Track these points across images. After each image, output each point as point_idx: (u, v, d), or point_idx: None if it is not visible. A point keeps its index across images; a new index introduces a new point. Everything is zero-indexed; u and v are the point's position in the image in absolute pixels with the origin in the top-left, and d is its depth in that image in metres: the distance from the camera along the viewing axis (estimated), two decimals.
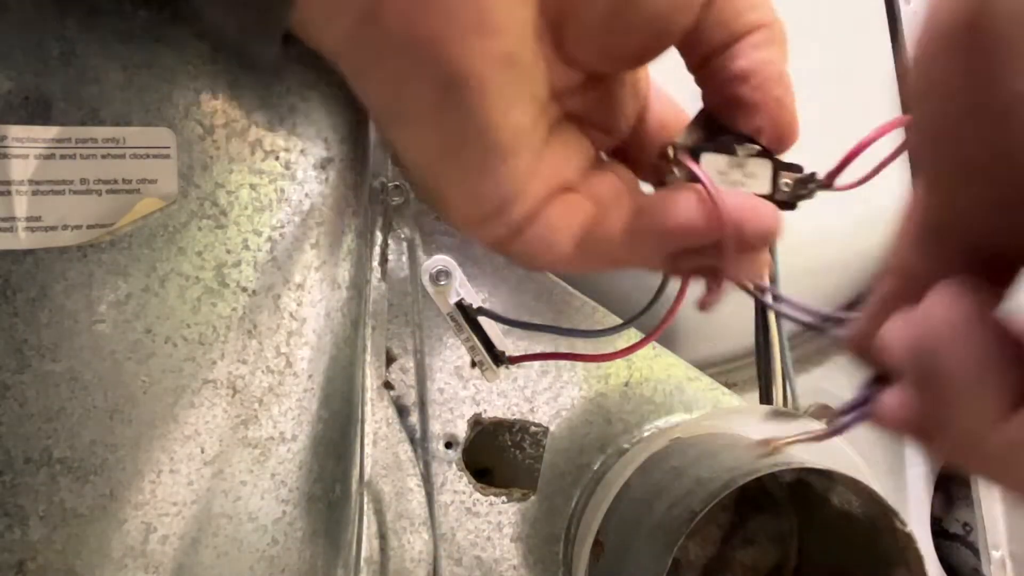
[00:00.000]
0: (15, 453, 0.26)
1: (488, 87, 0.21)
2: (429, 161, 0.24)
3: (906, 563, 0.43)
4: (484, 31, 0.20)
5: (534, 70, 0.22)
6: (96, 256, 0.27)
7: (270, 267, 0.30)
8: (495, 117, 0.22)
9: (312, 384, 0.32)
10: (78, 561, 0.27)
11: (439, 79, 0.21)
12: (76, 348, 0.27)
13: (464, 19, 0.20)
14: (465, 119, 0.22)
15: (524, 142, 0.23)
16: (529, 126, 0.23)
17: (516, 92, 0.22)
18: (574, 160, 0.25)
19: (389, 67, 0.22)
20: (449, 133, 0.22)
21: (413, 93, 0.22)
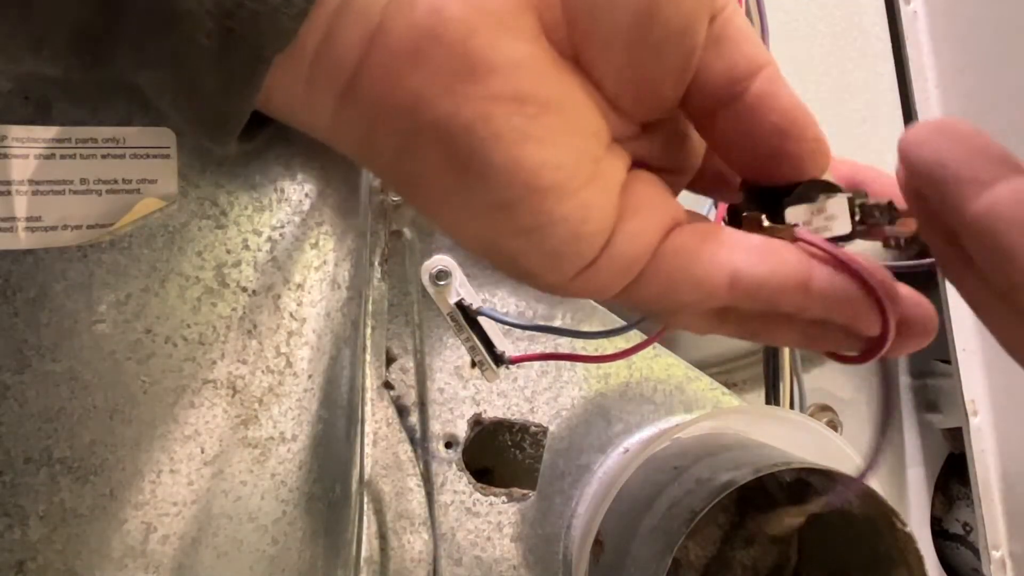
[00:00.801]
0: (15, 453, 0.26)
1: (502, 132, 0.19)
2: (477, 233, 0.21)
3: (906, 563, 0.43)
4: (474, 76, 0.19)
5: (569, 106, 0.20)
6: (96, 256, 0.27)
7: (270, 267, 0.30)
8: (524, 156, 0.19)
9: (312, 384, 0.32)
10: (78, 561, 0.27)
11: (441, 136, 0.19)
12: (76, 348, 0.27)
13: (446, 69, 0.19)
14: (488, 170, 0.19)
15: (589, 174, 0.20)
16: (582, 162, 0.20)
17: (546, 128, 0.19)
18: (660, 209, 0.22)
19: (385, 139, 0.20)
20: (483, 189, 0.20)
21: (419, 160, 0.20)
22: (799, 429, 0.49)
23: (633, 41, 0.20)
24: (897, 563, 0.44)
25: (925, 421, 0.61)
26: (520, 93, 0.19)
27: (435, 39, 0.19)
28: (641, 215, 0.21)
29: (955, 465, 0.61)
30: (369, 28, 0.19)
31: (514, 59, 0.19)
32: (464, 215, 0.21)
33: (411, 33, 0.19)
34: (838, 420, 0.59)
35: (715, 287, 0.22)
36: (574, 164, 0.20)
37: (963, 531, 0.60)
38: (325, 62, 0.19)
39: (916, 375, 0.62)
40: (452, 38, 0.19)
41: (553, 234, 0.20)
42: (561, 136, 0.20)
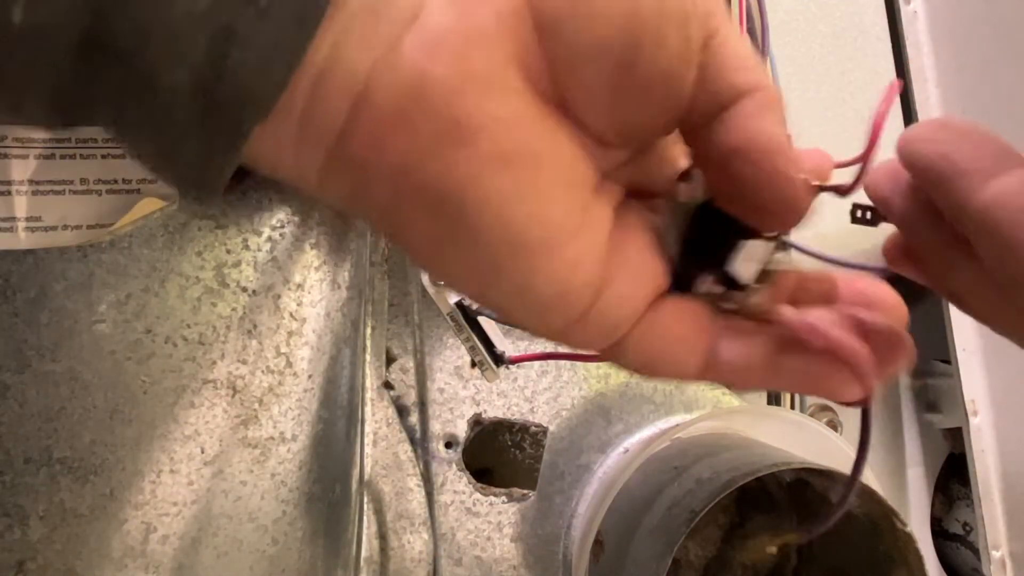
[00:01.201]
0: (15, 453, 0.26)
1: (489, 192, 0.19)
2: (467, 287, 0.21)
3: (906, 563, 0.43)
4: (459, 138, 0.19)
5: (555, 155, 0.20)
6: (96, 256, 0.27)
7: (270, 267, 0.30)
8: (512, 216, 0.19)
9: (312, 384, 0.32)
10: (78, 561, 0.27)
11: (429, 197, 0.19)
12: (76, 348, 0.27)
13: (432, 132, 0.19)
14: (477, 231, 0.19)
15: (576, 226, 0.20)
16: (571, 214, 0.20)
17: (532, 184, 0.19)
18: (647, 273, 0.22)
19: (373, 198, 0.20)
20: (470, 248, 0.20)
21: (408, 218, 0.20)
22: (799, 429, 0.49)
23: (617, 87, 0.20)
24: (897, 563, 0.44)
25: (925, 421, 0.61)
26: (506, 152, 0.19)
27: (419, 103, 0.19)
28: (628, 279, 0.22)
29: (955, 465, 0.61)
30: (354, 93, 0.19)
31: (499, 118, 0.19)
32: (453, 269, 0.21)
33: (396, 98, 0.19)
34: (838, 420, 0.59)
35: (691, 370, 0.22)
36: (562, 218, 0.20)
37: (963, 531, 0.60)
38: (311, 125, 0.19)
39: (916, 375, 0.62)
40: (436, 101, 0.19)
41: (541, 291, 0.20)
42: (548, 190, 0.20)
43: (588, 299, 0.21)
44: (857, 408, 0.23)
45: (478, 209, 0.19)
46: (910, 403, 0.62)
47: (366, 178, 0.20)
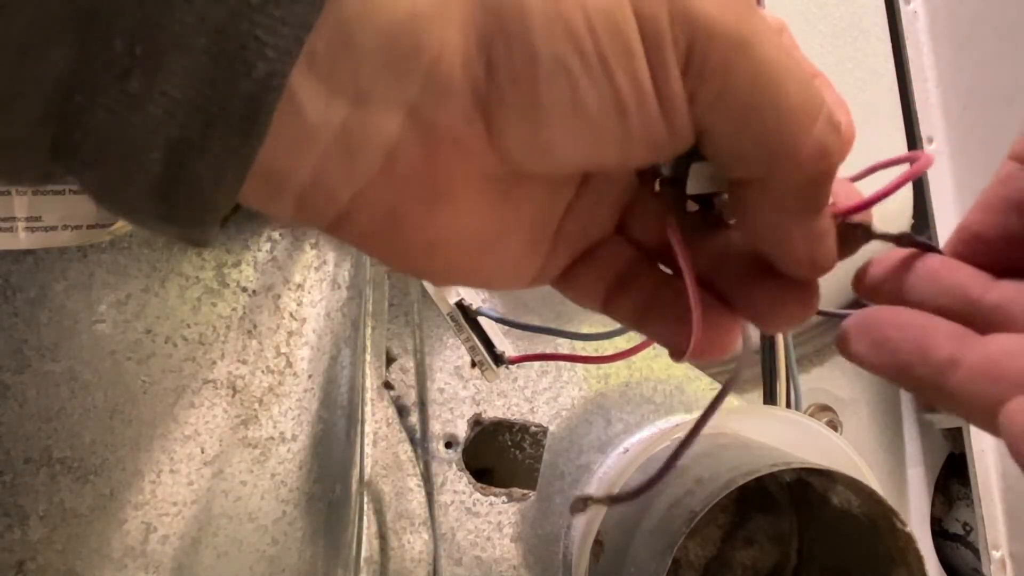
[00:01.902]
0: (15, 453, 0.26)
1: (457, 269, 0.23)
2: None
3: (906, 563, 0.43)
4: (432, 252, 0.22)
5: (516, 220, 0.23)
6: (96, 256, 0.27)
7: (270, 267, 0.30)
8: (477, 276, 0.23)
9: (312, 384, 0.32)
10: (78, 561, 0.27)
11: (414, 271, 0.23)
12: (76, 348, 0.27)
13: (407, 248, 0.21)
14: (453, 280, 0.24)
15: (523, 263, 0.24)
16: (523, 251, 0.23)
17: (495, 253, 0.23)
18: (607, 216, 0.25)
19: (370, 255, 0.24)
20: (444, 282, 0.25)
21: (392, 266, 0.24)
22: (799, 429, 0.49)
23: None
24: (897, 563, 0.44)
25: (925, 421, 0.61)
26: (471, 249, 0.22)
27: (396, 232, 0.21)
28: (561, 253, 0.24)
29: (955, 465, 0.61)
30: (338, 210, 0.21)
31: (466, 230, 0.22)
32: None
33: (375, 225, 0.21)
34: (838, 420, 0.59)
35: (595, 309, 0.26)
36: (512, 261, 0.23)
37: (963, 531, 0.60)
38: (304, 214, 0.21)
39: None
40: (411, 231, 0.21)
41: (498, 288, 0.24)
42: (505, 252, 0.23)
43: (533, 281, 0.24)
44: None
45: (450, 275, 0.23)
46: (910, 403, 0.62)
47: (356, 248, 0.24)
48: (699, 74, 0.19)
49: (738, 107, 0.19)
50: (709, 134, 0.19)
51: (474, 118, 0.20)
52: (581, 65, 0.18)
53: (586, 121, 0.19)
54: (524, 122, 0.19)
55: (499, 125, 0.20)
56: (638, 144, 0.20)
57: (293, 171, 0.19)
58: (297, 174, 0.19)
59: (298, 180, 0.19)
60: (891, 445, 0.61)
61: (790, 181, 0.20)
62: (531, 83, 0.19)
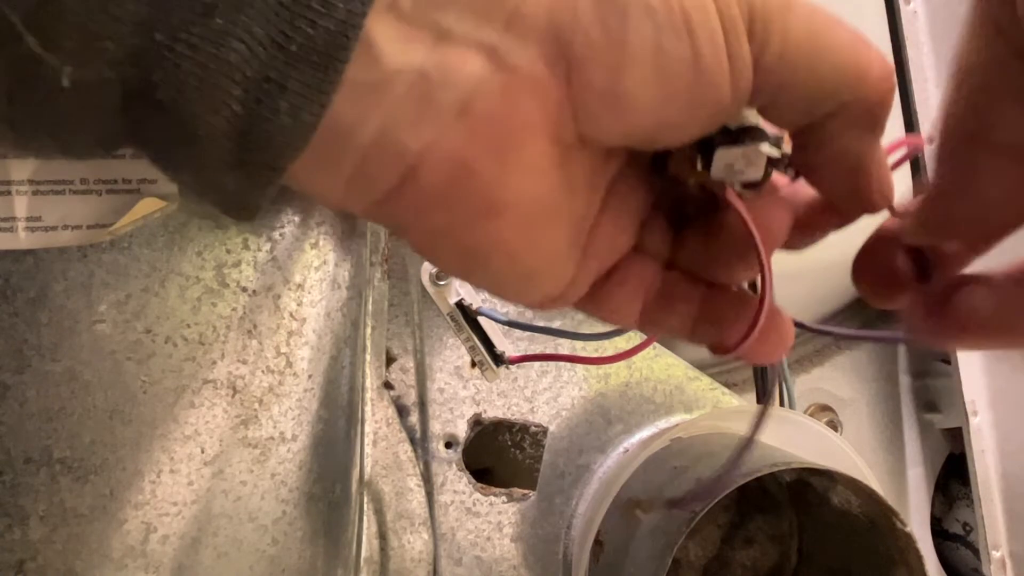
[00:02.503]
0: (15, 453, 0.26)
1: (510, 247, 0.22)
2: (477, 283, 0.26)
3: (906, 563, 0.43)
4: (494, 214, 0.21)
5: (572, 206, 0.22)
6: (96, 256, 0.27)
7: (270, 267, 0.30)
8: (527, 262, 0.22)
9: (312, 384, 0.32)
10: (78, 561, 0.27)
11: (459, 251, 0.22)
12: (76, 348, 0.27)
13: (471, 209, 0.21)
14: (493, 271, 0.23)
15: (569, 256, 0.23)
16: (572, 243, 0.23)
17: (549, 238, 0.22)
18: (629, 228, 0.25)
19: (411, 238, 0.23)
20: (484, 279, 0.23)
21: (439, 257, 0.23)
22: (799, 429, 0.49)
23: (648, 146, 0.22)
24: (897, 563, 0.44)
25: (925, 421, 0.61)
26: (531, 217, 0.21)
27: (464, 188, 0.20)
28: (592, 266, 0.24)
29: (955, 465, 0.61)
30: (401, 169, 0.20)
31: (532, 195, 0.21)
32: (467, 279, 0.24)
33: (440, 180, 0.20)
34: (838, 420, 0.59)
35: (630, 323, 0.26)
36: (560, 254, 0.23)
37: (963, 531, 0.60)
38: (361, 182, 0.21)
39: (916, 375, 0.62)
40: (479, 188, 0.20)
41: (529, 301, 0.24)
42: (556, 236, 0.22)
43: (561, 295, 0.24)
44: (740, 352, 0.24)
45: (497, 261, 0.22)
46: (910, 403, 0.62)
47: (405, 227, 0.22)
48: (763, 39, 0.20)
49: (803, 58, 0.21)
50: (784, 87, 0.21)
51: (556, 62, 0.20)
52: (666, 15, 0.19)
53: (664, 72, 0.20)
54: (607, 66, 0.20)
55: (582, 69, 0.20)
56: (703, 103, 0.21)
57: (361, 124, 0.19)
58: (365, 128, 0.19)
59: (364, 136, 0.19)
60: (891, 445, 0.61)
61: (864, 103, 0.21)
62: (620, 27, 0.19)
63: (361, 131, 0.19)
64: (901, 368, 0.62)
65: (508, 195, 0.21)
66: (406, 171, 0.20)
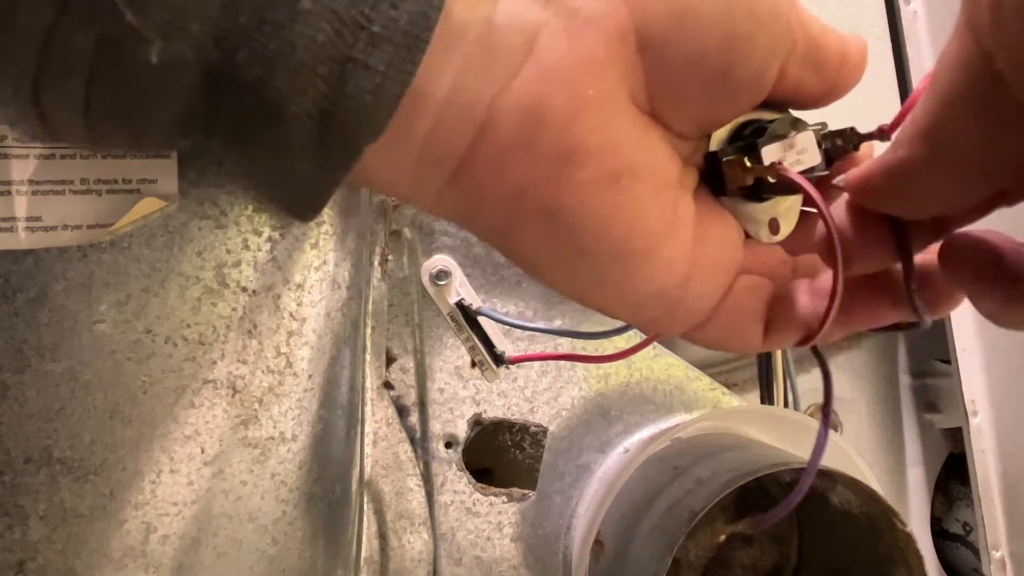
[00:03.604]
0: (15, 453, 0.26)
1: (598, 208, 0.21)
2: (570, 289, 0.24)
3: (906, 563, 0.43)
4: (574, 162, 0.20)
5: (654, 164, 0.22)
6: (96, 256, 0.27)
7: (270, 267, 0.30)
8: (618, 228, 0.21)
9: (312, 384, 0.32)
10: (78, 561, 0.27)
11: (543, 216, 0.21)
12: (76, 348, 0.27)
13: (550, 157, 0.20)
14: (584, 242, 0.21)
15: (670, 230, 0.22)
16: (664, 216, 0.22)
17: (635, 197, 0.21)
18: (735, 232, 0.24)
19: (489, 216, 0.22)
20: (578, 259, 0.22)
21: (521, 233, 0.22)
22: (799, 429, 0.49)
23: (711, 93, 0.22)
24: (897, 563, 0.44)
25: (925, 421, 0.61)
26: (614, 170, 0.21)
27: (538, 132, 0.20)
28: (709, 273, 0.24)
29: (955, 465, 0.61)
30: (476, 124, 0.20)
31: (608, 141, 0.21)
32: (560, 276, 0.23)
33: (516, 127, 0.20)
34: (838, 420, 0.59)
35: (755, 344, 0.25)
36: (657, 225, 0.22)
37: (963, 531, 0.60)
38: (433, 151, 0.20)
39: (916, 375, 0.62)
40: (554, 130, 0.20)
41: (640, 292, 0.23)
42: (646, 200, 0.22)
43: (678, 294, 0.23)
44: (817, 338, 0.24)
45: (585, 225, 0.21)
46: (910, 403, 0.62)
47: (483, 199, 0.21)
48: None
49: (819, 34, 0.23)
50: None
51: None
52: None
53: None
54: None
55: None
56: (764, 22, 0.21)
57: (434, 84, 0.19)
58: (437, 87, 0.19)
59: (436, 96, 0.20)
60: (891, 445, 0.61)
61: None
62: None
63: (434, 91, 0.19)
64: (901, 368, 0.62)
65: (586, 139, 0.20)
66: (478, 128, 0.20)
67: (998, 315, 0.20)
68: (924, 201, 0.20)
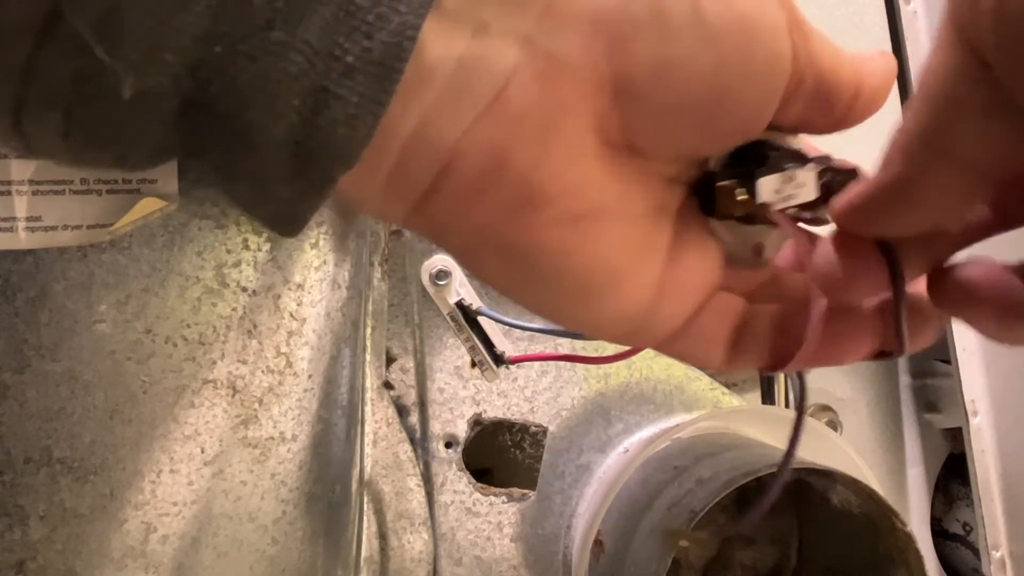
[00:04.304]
0: (15, 453, 0.26)
1: (557, 248, 0.21)
2: (536, 310, 0.24)
3: (906, 563, 0.43)
4: (534, 206, 0.20)
5: (622, 202, 0.22)
6: (96, 256, 0.27)
7: (270, 267, 0.30)
8: (577, 266, 0.21)
9: (312, 384, 0.32)
10: (78, 561, 0.27)
11: (502, 253, 0.21)
12: (76, 348, 0.27)
13: (509, 200, 0.20)
14: (543, 277, 0.22)
15: (635, 264, 0.22)
16: (632, 252, 0.22)
17: (597, 236, 0.21)
18: (713, 254, 0.24)
19: (452, 244, 0.22)
20: (538, 289, 0.22)
21: (483, 263, 0.22)
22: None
23: (692, 141, 0.21)
24: (897, 563, 0.44)
25: (925, 421, 0.61)
26: (575, 213, 0.21)
27: (500, 176, 0.20)
28: (678, 297, 0.23)
29: (955, 465, 0.61)
30: (439, 162, 0.20)
31: (571, 185, 0.20)
32: (523, 301, 0.23)
33: (478, 170, 0.20)
34: (838, 420, 0.59)
35: (716, 364, 0.25)
36: (620, 259, 0.22)
37: (963, 531, 0.60)
38: (398, 183, 0.20)
39: (916, 375, 0.62)
40: (516, 175, 0.20)
41: (600, 321, 0.23)
42: (611, 237, 0.21)
43: (642, 320, 0.23)
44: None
45: (544, 263, 0.21)
46: (910, 403, 0.62)
47: (445, 230, 0.22)
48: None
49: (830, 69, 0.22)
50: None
51: (593, 43, 0.20)
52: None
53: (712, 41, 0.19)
54: (653, 37, 0.19)
55: (625, 44, 0.20)
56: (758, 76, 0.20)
57: (400, 119, 0.19)
58: (404, 123, 0.19)
59: (402, 132, 0.19)
60: (891, 445, 0.61)
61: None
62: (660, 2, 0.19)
63: (400, 127, 0.19)
64: (901, 368, 0.62)
65: (548, 184, 0.20)
66: (442, 166, 0.20)
67: (995, 335, 0.20)
68: (921, 214, 0.19)
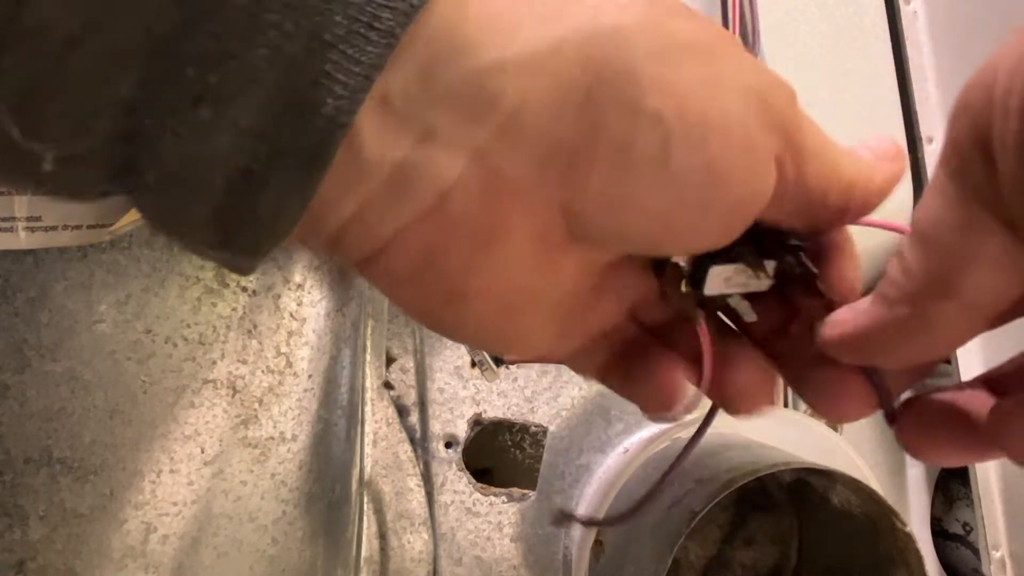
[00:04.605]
0: (15, 453, 0.26)
1: (481, 327, 0.22)
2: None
3: (906, 563, 0.43)
4: (463, 299, 0.21)
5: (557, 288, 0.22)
6: (96, 256, 0.27)
7: (270, 267, 0.30)
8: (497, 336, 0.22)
9: (312, 384, 0.32)
10: (78, 561, 0.27)
11: (429, 323, 0.23)
12: (76, 348, 0.27)
13: (439, 294, 0.21)
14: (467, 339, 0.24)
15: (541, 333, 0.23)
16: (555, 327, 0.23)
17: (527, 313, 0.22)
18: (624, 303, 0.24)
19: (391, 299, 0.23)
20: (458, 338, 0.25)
21: (412, 317, 0.24)
22: (799, 429, 0.49)
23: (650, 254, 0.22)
24: (897, 563, 0.44)
25: None
26: (504, 305, 0.21)
27: (432, 273, 0.20)
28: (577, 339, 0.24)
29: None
30: (373, 249, 0.20)
31: (504, 284, 0.21)
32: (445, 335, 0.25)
33: (411, 264, 0.20)
34: None
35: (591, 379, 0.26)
36: (539, 338, 0.23)
37: (963, 531, 0.60)
38: (337, 253, 0.21)
39: None
40: (447, 276, 0.20)
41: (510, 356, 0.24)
42: (538, 314, 0.22)
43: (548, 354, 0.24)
44: None
45: (465, 334, 0.23)
46: None
47: (385, 292, 0.22)
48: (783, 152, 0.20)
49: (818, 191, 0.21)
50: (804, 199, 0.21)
51: (547, 169, 0.19)
52: (680, 125, 0.19)
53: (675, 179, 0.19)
54: (609, 172, 0.19)
55: (580, 173, 0.19)
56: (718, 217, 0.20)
57: (339, 204, 0.19)
58: (342, 208, 0.19)
59: (341, 214, 0.19)
60: (891, 445, 0.61)
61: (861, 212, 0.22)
62: (628, 135, 0.19)
63: (337, 212, 0.19)
64: None
65: (478, 284, 0.21)
66: (378, 250, 0.20)
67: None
68: (922, 351, 0.20)
